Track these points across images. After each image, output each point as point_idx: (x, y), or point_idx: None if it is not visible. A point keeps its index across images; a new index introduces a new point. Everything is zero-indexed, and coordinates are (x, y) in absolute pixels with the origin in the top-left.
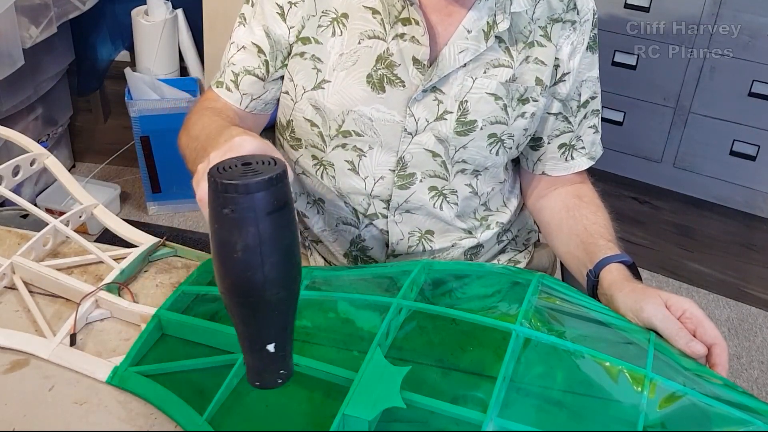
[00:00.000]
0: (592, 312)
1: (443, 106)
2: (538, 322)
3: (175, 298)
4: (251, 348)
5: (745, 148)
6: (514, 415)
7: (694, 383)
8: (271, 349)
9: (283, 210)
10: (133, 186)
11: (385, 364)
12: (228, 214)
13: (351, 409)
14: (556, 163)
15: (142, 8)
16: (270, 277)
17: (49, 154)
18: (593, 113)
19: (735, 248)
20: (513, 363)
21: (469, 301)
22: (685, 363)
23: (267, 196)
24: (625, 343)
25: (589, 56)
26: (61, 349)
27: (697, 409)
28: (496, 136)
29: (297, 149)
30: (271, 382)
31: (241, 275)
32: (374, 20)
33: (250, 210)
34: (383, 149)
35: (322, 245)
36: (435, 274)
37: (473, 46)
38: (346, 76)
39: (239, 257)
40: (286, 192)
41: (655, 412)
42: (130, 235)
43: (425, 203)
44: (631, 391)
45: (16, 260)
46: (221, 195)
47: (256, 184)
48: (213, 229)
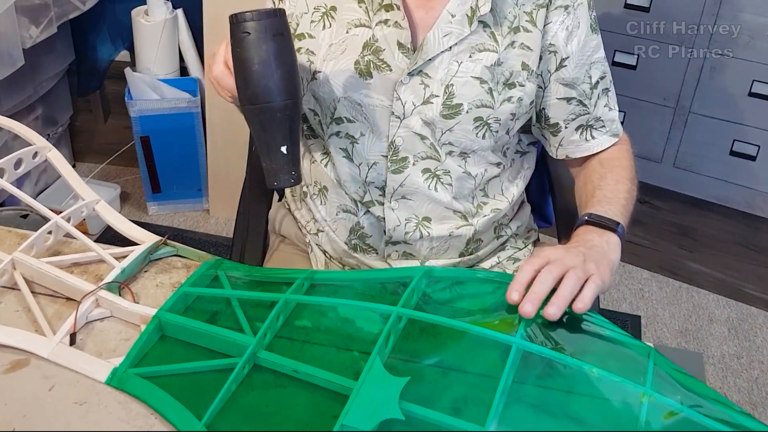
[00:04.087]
0: (592, 325)
1: (429, 90)
2: (538, 335)
3: (176, 299)
4: (269, 151)
5: (745, 148)
6: (513, 426)
7: (691, 401)
8: (284, 151)
9: (285, 36)
10: (133, 186)
11: (384, 374)
12: (246, 37)
13: (350, 420)
14: (577, 146)
15: (142, 8)
16: (280, 85)
17: (51, 147)
18: (604, 92)
19: (735, 248)
20: (512, 375)
21: (468, 313)
22: (685, 381)
23: (273, 22)
24: (624, 358)
25: (594, 38)
26: (60, 348)
27: (693, 426)
28: (482, 119)
29: (309, 138)
30: (285, 182)
31: (260, 83)
32: (360, 9)
33: (262, 32)
34: (374, 135)
35: (324, 234)
36: (435, 282)
37: (457, 30)
38: (336, 64)
39: (257, 69)
40: (286, 24)
41: (652, 427)
42: (130, 232)
43: (420, 186)
44: (630, 407)
45: (17, 256)
46: (241, 24)
47: (264, 12)
48: (235, 54)
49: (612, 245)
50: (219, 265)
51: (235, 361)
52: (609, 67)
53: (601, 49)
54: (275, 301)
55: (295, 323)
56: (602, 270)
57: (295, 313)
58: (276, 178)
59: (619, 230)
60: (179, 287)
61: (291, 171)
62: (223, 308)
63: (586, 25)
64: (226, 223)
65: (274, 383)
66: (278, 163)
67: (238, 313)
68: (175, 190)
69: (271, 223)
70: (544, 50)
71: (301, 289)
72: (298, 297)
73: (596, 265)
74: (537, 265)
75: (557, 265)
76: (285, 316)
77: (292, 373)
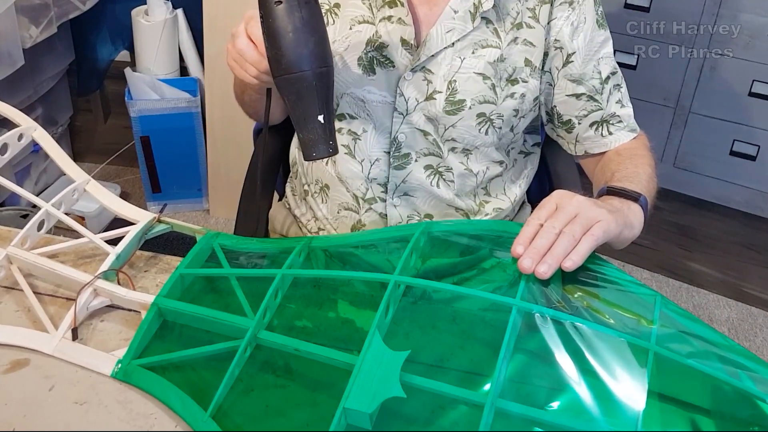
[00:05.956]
0: (595, 273)
1: (432, 85)
2: (540, 291)
3: (173, 282)
4: (306, 122)
5: (745, 148)
6: (516, 395)
7: (700, 346)
8: (321, 120)
9: (314, 3)
10: (133, 186)
11: (384, 350)
12: (278, 6)
13: (351, 402)
14: (594, 141)
15: (142, 8)
16: (315, 52)
17: (37, 126)
18: (616, 88)
19: (735, 248)
20: (514, 338)
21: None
22: (692, 326)
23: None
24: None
25: (602, 33)
26: (63, 343)
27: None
28: (485, 115)
29: None
30: (324, 152)
31: (295, 52)
32: (363, 6)
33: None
34: (377, 131)
35: (325, 233)
36: (435, 244)
37: (460, 26)
38: (339, 61)
39: (291, 37)
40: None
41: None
42: (123, 211)
43: (422, 182)
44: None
45: (11, 251)
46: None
47: None
48: (267, 25)
49: (633, 212)
50: (215, 239)
51: (237, 344)
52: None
53: (609, 45)
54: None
55: (295, 322)
56: (609, 219)
57: (294, 284)
58: (315, 149)
59: (642, 200)
60: (175, 269)
61: (329, 141)
62: (222, 284)
63: (592, 20)
64: (226, 223)
65: (275, 383)
66: (316, 133)
67: (238, 293)
68: (175, 190)
69: (271, 222)
70: (549, 47)
71: (299, 258)
72: (295, 271)
73: (608, 213)
74: (543, 217)
75: (561, 217)
76: (283, 291)
77: (294, 352)
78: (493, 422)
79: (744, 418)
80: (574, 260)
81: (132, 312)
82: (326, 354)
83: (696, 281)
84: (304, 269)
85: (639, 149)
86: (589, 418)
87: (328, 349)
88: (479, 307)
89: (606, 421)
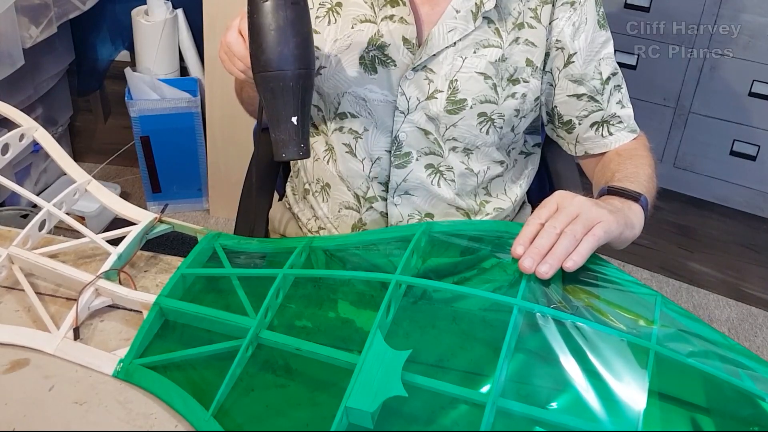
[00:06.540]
0: (597, 274)
1: (434, 85)
2: (541, 291)
3: (175, 282)
4: (279, 121)
5: (745, 148)
6: (517, 395)
7: (700, 346)
8: (295, 122)
9: (302, 5)
10: (133, 186)
11: (386, 349)
12: (264, 3)
13: (353, 401)
14: (594, 142)
15: (142, 8)
16: (295, 53)
17: (38, 127)
18: (616, 88)
19: (735, 248)
20: (515, 338)
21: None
22: (692, 326)
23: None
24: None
25: (603, 34)
26: (65, 343)
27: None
28: (486, 115)
29: (312, 135)
30: (294, 154)
31: (275, 50)
32: (365, 5)
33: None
34: (378, 130)
35: (325, 232)
36: (436, 243)
37: (462, 26)
38: (340, 59)
39: (273, 35)
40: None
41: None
42: (124, 211)
43: (423, 181)
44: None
45: (12, 251)
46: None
47: None
48: (252, 20)
49: (634, 212)
50: (216, 239)
51: (239, 343)
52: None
53: (610, 46)
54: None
55: (296, 316)
56: (610, 219)
57: (295, 284)
58: (284, 150)
59: (642, 201)
60: (177, 269)
61: (300, 143)
62: (224, 284)
63: (594, 20)
64: (226, 223)
65: (276, 383)
66: (288, 134)
67: (239, 293)
68: (175, 190)
69: (271, 222)
70: (551, 47)
71: (300, 258)
72: (296, 271)
73: (609, 213)
74: (544, 217)
75: (562, 217)
76: (285, 291)
77: (296, 352)
78: (494, 421)
79: (744, 417)
80: (575, 260)
81: (132, 312)
82: (327, 353)
83: (696, 281)
84: (305, 269)
85: (639, 150)
86: (591, 418)
87: (329, 349)
88: (480, 307)
89: (607, 420)
